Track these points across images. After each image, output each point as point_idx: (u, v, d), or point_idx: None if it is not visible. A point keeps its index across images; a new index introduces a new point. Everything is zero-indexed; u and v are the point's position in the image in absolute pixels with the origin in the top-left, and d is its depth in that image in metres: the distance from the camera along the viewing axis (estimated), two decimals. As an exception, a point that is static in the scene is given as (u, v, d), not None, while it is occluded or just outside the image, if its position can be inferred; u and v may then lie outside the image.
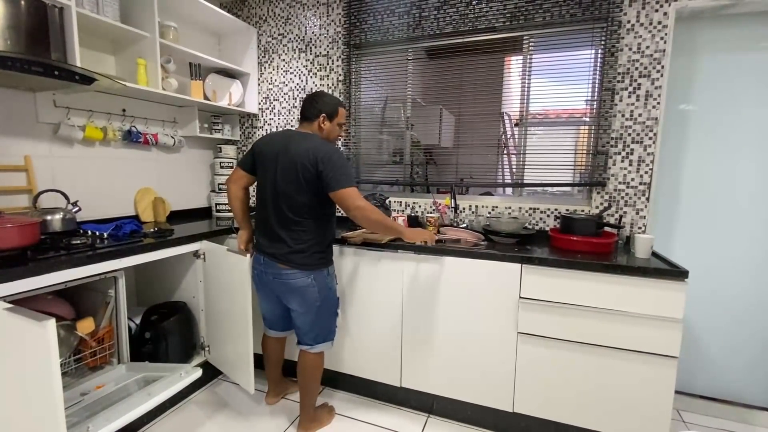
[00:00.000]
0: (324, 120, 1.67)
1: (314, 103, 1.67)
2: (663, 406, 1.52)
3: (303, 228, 1.60)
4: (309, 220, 1.60)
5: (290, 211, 1.59)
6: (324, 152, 1.54)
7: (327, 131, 1.69)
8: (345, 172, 1.55)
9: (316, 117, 1.66)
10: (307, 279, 1.63)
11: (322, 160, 1.53)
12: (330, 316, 1.75)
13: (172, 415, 1.89)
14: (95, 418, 1.30)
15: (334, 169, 1.52)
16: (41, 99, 1.79)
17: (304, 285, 1.63)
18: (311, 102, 1.68)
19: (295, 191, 1.57)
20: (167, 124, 2.41)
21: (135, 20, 1.97)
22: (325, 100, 1.69)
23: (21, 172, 1.76)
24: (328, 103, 1.68)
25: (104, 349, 1.70)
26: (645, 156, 1.93)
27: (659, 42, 1.86)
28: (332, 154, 1.55)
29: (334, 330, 1.78)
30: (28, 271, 1.28)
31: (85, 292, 1.71)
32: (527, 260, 1.64)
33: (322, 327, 1.72)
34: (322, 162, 1.52)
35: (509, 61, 2.37)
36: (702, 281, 2.01)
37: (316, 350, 1.73)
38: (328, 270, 1.70)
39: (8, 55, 1.38)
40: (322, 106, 1.67)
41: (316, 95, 1.71)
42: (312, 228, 1.61)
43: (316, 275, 1.64)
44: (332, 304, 1.74)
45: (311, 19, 2.56)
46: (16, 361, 1.10)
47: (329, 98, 1.70)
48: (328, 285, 1.69)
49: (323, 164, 1.52)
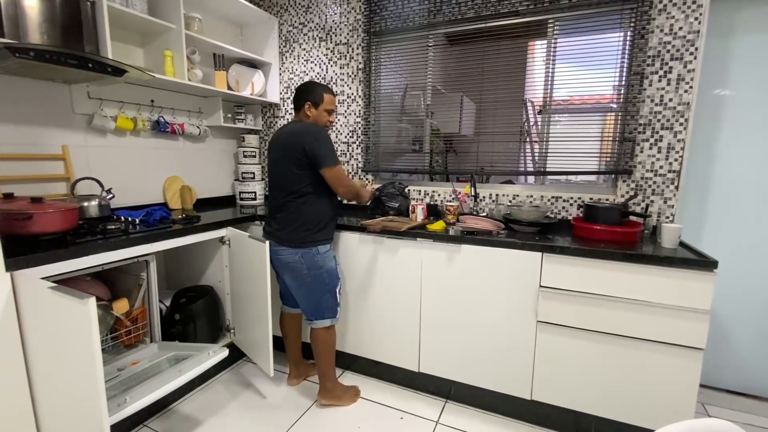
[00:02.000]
0: (309, 107, 1.77)
1: (299, 93, 1.79)
2: (687, 399, 1.49)
3: (290, 208, 1.74)
4: (296, 200, 1.72)
5: (281, 192, 1.75)
6: (304, 132, 1.68)
7: (314, 118, 1.78)
8: (331, 149, 1.69)
9: (301, 105, 1.78)
10: (295, 256, 1.75)
11: (307, 141, 1.65)
12: (323, 294, 1.80)
13: (199, 393, 1.99)
14: (132, 391, 1.39)
15: (321, 149, 1.66)
16: (76, 91, 1.88)
17: (292, 261, 1.76)
18: (297, 92, 1.80)
19: (282, 173, 1.73)
20: (193, 114, 2.48)
21: (161, 12, 2.03)
22: (309, 88, 1.79)
23: (59, 160, 1.85)
24: (312, 91, 1.78)
25: (138, 328, 1.80)
26: (675, 143, 1.86)
27: (693, 23, 1.77)
28: (315, 135, 1.67)
29: (332, 308, 1.83)
30: (68, 254, 1.36)
31: (120, 274, 1.80)
32: (548, 249, 1.63)
33: (317, 304, 1.80)
34: (310, 143, 1.65)
35: (533, 46, 2.31)
36: (731, 272, 1.94)
37: (316, 326, 1.82)
38: (317, 249, 1.76)
39: (46, 48, 1.44)
40: (306, 94, 1.77)
41: (302, 85, 1.82)
42: (297, 207, 1.73)
43: (303, 253, 1.74)
44: (324, 283, 1.79)
45: (331, 7, 2.56)
46: (60, 336, 1.18)
47: (315, 86, 1.80)
48: (317, 263, 1.76)
49: (309, 144, 1.65)
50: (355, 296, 2.07)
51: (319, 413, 1.85)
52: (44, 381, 1.27)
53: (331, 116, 1.83)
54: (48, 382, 1.27)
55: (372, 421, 1.80)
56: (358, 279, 2.04)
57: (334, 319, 1.85)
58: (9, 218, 1.33)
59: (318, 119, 1.78)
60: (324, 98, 1.77)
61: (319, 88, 1.79)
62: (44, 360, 1.26)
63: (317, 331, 1.83)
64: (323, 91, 1.78)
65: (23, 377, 1.28)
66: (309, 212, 1.74)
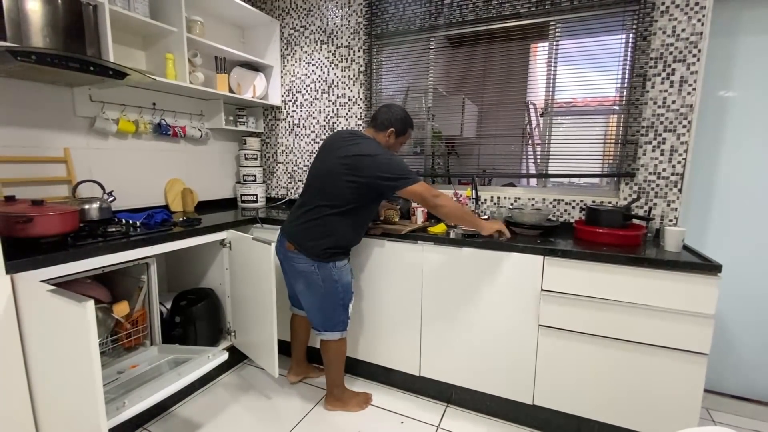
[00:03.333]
0: (391, 134, 1.75)
1: (392, 115, 1.75)
2: (691, 405, 1.47)
3: (321, 216, 1.65)
4: (329, 210, 1.64)
5: (317, 195, 1.67)
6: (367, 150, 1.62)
7: (388, 145, 1.76)
8: (403, 167, 1.62)
9: (385, 128, 1.74)
10: (311, 267, 1.68)
11: (368, 158, 1.60)
12: (335, 308, 1.75)
13: (200, 396, 1.98)
14: (130, 395, 1.38)
15: (389, 168, 1.59)
16: (78, 94, 1.88)
17: (307, 271, 1.70)
18: (389, 112, 1.76)
19: (331, 180, 1.64)
20: (194, 117, 2.49)
21: (163, 16, 2.03)
22: (403, 117, 1.77)
23: (61, 163, 1.86)
24: (404, 122, 1.76)
25: (138, 331, 1.80)
26: (678, 145, 1.85)
27: (696, 24, 1.76)
28: (380, 153, 1.62)
29: (342, 321, 1.78)
30: (69, 256, 1.37)
31: (120, 277, 1.80)
32: (550, 252, 1.61)
33: (329, 316, 1.75)
34: (371, 160, 1.59)
35: (535, 49, 2.31)
36: (736, 276, 1.92)
37: (326, 337, 1.78)
38: (335, 263, 1.70)
39: (48, 51, 1.45)
40: (396, 122, 1.74)
41: (398, 109, 1.78)
42: (328, 218, 1.65)
43: (320, 265, 1.68)
44: (338, 297, 1.74)
45: (333, 10, 2.56)
46: (58, 339, 1.18)
47: (407, 119, 1.78)
48: (333, 277, 1.70)
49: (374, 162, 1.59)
50: (355, 299, 2.05)
51: (320, 416, 1.84)
52: (43, 383, 1.27)
53: (400, 147, 1.87)
54: (47, 385, 1.27)
55: (372, 425, 1.79)
56: (359, 282, 2.03)
57: (345, 332, 1.81)
58: (10, 221, 1.33)
59: (391, 147, 1.79)
60: (407, 133, 1.81)
61: (409, 122, 1.80)
62: (43, 362, 1.25)
63: (328, 343, 1.79)
64: (410, 127, 1.81)
65: (23, 379, 1.27)
66: (343, 231, 1.67)
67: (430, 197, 1.60)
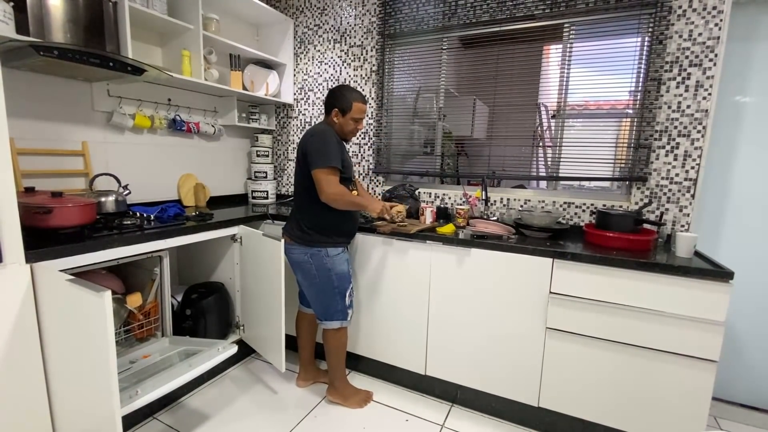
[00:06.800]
0: (337, 114, 1.75)
1: (329, 98, 1.78)
2: (699, 412, 1.47)
3: (305, 208, 1.77)
4: (308, 202, 1.74)
5: (296, 190, 1.82)
6: (309, 134, 1.72)
7: (340, 125, 1.76)
8: (322, 152, 1.65)
9: (329, 111, 1.77)
10: (304, 255, 1.76)
11: (307, 141, 1.70)
12: (333, 296, 1.80)
13: (208, 388, 2.01)
14: (143, 384, 1.42)
15: (312, 151, 1.66)
16: (96, 89, 1.92)
17: (302, 261, 1.78)
18: (328, 96, 1.79)
19: (298, 176, 1.78)
20: (208, 113, 2.52)
21: (180, 13, 2.07)
22: (338, 94, 1.76)
23: (79, 156, 1.90)
24: (342, 98, 1.74)
25: (150, 322, 1.83)
26: (692, 150, 1.83)
27: (713, 29, 1.74)
28: (314, 135, 1.70)
29: (342, 311, 1.82)
30: (86, 248, 1.40)
31: (134, 269, 1.84)
32: (559, 255, 1.61)
33: (325, 305, 1.81)
34: (307, 143, 1.69)
35: (548, 50, 2.30)
36: (748, 283, 1.90)
37: (326, 326, 1.83)
38: (327, 251, 1.75)
39: (69, 47, 1.48)
40: (334, 100, 1.76)
41: (334, 89, 1.79)
42: (310, 208, 1.75)
43: (312, 253, 1.75)
44: (332, 286, 1.79)
45: (347, 9, 2.57)
46: (76, 327, 1.21)
47: (345, 92, 1.75)
48: (326, 265, 1.76)
49: (307, 145, 1.69)
50: (363, 297, 2.08)
51: (326, 412, 1.86)
52: (59, 370, 1.31)
53: (358, 124, 1.77)
54: (63, 371, 1.30)
55: (377, 422, 1.80)
56: (367, 280, 2.05)
57: (344, 322, 1.84)
58: (30, 211, 1.37)
59: (344, 126, 1.75)
60: (353, 107, 1.72)
61: (349, 95, 1.73)
62: (60, 350, 1.29)
63: (327, 332, 1.85)
64: (353, 99, 1.72)
65: (39, 365, 1.31)
66: (315, 212, 1.74)
67: (323, 183, 1.63)
